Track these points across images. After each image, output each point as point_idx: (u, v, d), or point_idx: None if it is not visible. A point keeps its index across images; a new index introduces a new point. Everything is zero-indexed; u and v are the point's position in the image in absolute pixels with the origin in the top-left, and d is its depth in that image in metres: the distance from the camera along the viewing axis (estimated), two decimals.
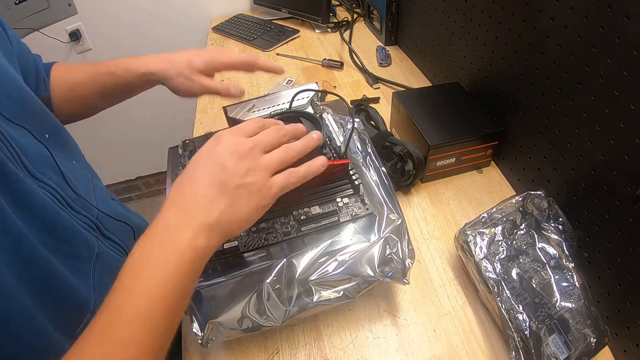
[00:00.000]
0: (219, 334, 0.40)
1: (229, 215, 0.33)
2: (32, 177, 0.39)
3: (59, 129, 0.49)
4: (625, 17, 0.37)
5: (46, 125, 0.46)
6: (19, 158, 0.38)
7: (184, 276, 0.31)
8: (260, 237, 0.43)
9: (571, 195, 0.50)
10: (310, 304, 0.41)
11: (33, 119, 0.43)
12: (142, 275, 0.30)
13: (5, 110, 0.39)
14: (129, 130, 1.54)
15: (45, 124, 0.46)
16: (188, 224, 0.32)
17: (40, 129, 0.43)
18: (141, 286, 0.30)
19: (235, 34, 1.17)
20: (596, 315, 0.43)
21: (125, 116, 1.48)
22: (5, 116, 0.39)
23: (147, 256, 0.31)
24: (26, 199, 0.36)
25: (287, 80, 0.94)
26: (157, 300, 0.29)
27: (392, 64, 0.97)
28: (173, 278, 0.30)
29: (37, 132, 0.43)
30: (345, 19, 1.17)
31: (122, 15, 1.28)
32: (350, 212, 0.45)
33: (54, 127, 0.48)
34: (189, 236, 0.31)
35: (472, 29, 0.66)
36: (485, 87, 0.66)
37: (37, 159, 0.40)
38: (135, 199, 1.82)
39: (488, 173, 0.66)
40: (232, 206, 0.33)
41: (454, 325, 0.47)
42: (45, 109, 0.47)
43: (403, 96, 0.68)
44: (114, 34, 1.30)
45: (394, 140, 0.61)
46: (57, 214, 0.39)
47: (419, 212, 0.61)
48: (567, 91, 0.47)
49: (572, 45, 0.45)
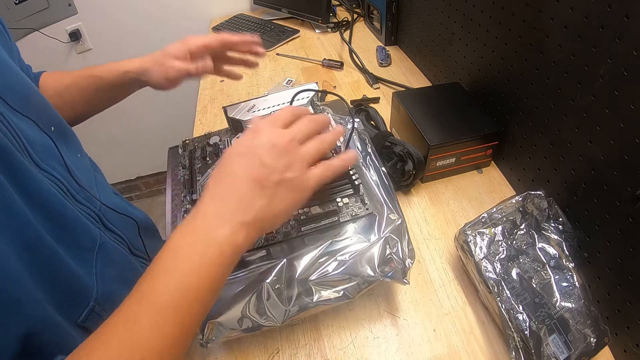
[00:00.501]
0: (219, 334, 0.40)
1: (267, 211, 0.33)
2: (37, 166, 0.39)
3: (62, 123, 0.49)
4: (625, 17, 0.37)
5: (51, 119, 0.46)
6: (25, 147, 0.38)
7: (219, 270, 0.31)
8: (260, 237, 0.43)
9: (571, 195, 0.50)
10: (310, 304, 0.41)
11: (38, 112, 0.43)
12: (178, 265, 0.30)
13: (10, 101, 0.39)
14: (129, 130, 1.54)
15: (50, 117, 0.46)
16: (227, 220, 0.32)
17: (45, 122, 0.44)
18: (177, 275, 0.30)
19: None
20: (596, 315, 0.43)
21: (125, 116, 1.48)
22: (11, 106, 0.39)
23: (184, 248, 0.31)
24: (31, 188, 0.37)
25: (287, 80, 0.94)
26: (191, 291, 0.29)
27: (392, 64, 0.97)
28: (210, 270, 0.30)
29: (43, 124, 0.43)
30: (345, 19, 1.17)
31: (122, 15, 1.28)
32: (350, 212, 0.45)
33: (58, 120, 0.48)
34: (228, 232, 0.31)
35: (472, 29, 0.66)
36: (485, 87, 0.66)
37: (42, 150, 0.41)
38: (135, 199, 1.82)
39: (488, 173, 0.66)
40: (271, 202, 0.33)
41: (454, 325, 0.47)
42: (49, 104, 0.48)
43: (403, 96, 0.68)
44: (114, 34, 1.30)
45: (394, 140, 0.61)
46: (61, 204, 0.40)
47: (419, 212, 0.61)
48: (567, 91, 0.47)
49: (572, 45, 0.45)
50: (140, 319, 0.28)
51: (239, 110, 0.55)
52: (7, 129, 0.36)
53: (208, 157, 0.54)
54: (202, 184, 0.51)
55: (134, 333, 0.27)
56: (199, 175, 0.52)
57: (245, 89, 0.94)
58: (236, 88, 0.94)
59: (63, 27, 1.24)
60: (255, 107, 0.55)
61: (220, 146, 0.56)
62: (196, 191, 0.49)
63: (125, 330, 0.28)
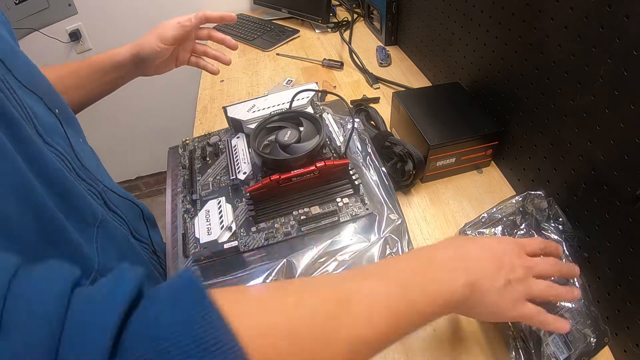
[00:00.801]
0: None
1: (489, 295, 0.33)
2: (42, 140, 0.40)
3: (66, 108, 0.50)
4: (625, 17, 0.37)
5: (55, 101, 0.47)
6: (32, 120, 0.39)
7: (424, 312, 0.30)
8: (260, 237, 0.43)
9: (571, 195, 0.50)
10: None
11: (44, 91, 0.44)
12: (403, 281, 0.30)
13: (18, 75, 0.40)
14: (129, 130, 1.54)
15: (54, 99, 0.47)
16: (464, 274, 0.32)
17: (50, 102, 0.45)
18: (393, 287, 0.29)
19: (235, 33, 1.17)
20: (596, 315, 0.43)
21: (126, 116, 1.48)
22: (19, 80, 0.40)
23: (419, 271, 0.31)
24: (37, 159, 0.37)
25: (287, 80, 0.94)
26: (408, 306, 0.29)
27: (392, 64, 0.97)
28: (421, 304, 0.30)
29: (48, 103, 0.44)
30: (345, 19, 1.17)
31: (122, 16, 1.28)
32: (350, 212, 0.45)
33: (62, 104, 0.49)
34: (462, 282, 0.31)
35: (472, 29, 0.66)
36: (485, 87, 0.66)
37: (48, 126, 0.42)
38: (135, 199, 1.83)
39: (488, 173, 0.66)
40: (497, 291, 0.33)
41: (454, 325, 0.47)
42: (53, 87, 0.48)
43: (403, 96, 0.68)
44: (114, 34, 1.30)
45: (394, 140, 0.61)
46: (65, 177, 0.40)
47: (419, 212, 0.61)
48: (567, 91, 0.47)
49: (572, 45, 0.45)
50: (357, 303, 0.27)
51: (239, 110, 0.55)
52: (15, 101, 0.37)
53: (208, 157, 0.54)
54: (202, 184, 0.51)
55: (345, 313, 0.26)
56: (199, 175, 0.52)
57: (245, 89, 0.94)
58: (236, 88, 0.94)
59: (63, 27, 1.24)
60: (255, 107, 0.55)
61: (220, 146, 0.56)
62: (196, 191, 0.49)
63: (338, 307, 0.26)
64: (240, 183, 0.49)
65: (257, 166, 0.50)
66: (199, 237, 0.42)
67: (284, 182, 0.44)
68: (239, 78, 0.97)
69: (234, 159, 0.51)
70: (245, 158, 0.51)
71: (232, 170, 0.50)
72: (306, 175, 0.44)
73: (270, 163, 0.46)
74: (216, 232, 0.42)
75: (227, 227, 0.43)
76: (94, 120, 1.47)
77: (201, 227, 0.43)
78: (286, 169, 0.44)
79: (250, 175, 0.49)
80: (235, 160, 0.51)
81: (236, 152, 0.52)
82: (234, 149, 0.53)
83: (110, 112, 1.45)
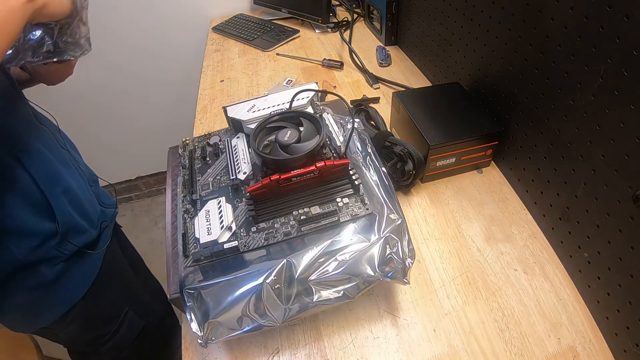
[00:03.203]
0: (219, 334, 0.40)
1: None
2: None
3: None
4: (625, 17, 0.37)
5: None
6: None
7: None
8: (260, 237, 0.43)
9: (571, 195, 0.50)
10: (310, 303, 0.41)
11: None
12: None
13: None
14: (129, 130, 1.54)
15: None
16: None
17: None
18: None
19: (235, 34, 1.17)
20: None
21: (126, 116, 1.48)
22: None
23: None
24: None
25: (287, 80, 0.94)
26: None
27: (392, 64, 0.97)
28: None
29: None
30: (345, 19, 1.17)
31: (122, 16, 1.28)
32: (350, 212, 0.45)
33: None
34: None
35: (472, 29, 0.66)
36: (485, 87, 0.66)
37: None
38: (135, 199, 1.82)
39: (488, 173, 0.66)
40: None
41: (454, 325, 0.47)
42: None
43: (403, 96, 0.68)
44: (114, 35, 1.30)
45: (394, 140, 0.61)
46: None
47: (419, 212, 0.61)
48: (567, 91, 0.47)
49: (572, 45, 0.45)
50: None
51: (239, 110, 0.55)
52: None
53: (208, 157, 0.54)
54: (202, 184, 0.51)
55: None
56: (199, 175, 0.52)
57: (245, 89, 0.94)
58: (236, 88, 0.95)
59: None
60: (255, 107, 0.55)
61: (220, 146, 0.56)
62: (196, 191, 0.49)
63: None
64: (240, 183, 0.49)
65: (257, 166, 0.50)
66: (199, 237, 0.42)
67: (284, 182, 0.44)
68: (239, 78, 0.97)
69: (234, 159, 0.51)
70: (245, 158, 0.51)
71: (232, 170, 0.50)
72: (306, 175, 0.44)
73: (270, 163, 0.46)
74: (216, 232, 0.42)
75: (227, 227, 0.43)
76: (95, 120, 1.47)
77: (201, 227, 0.43)
78: (286, 169, 0.44)
79: (250, 175, 0.49)
80: (235, 160, 0.51)
81: (236, 152, 0.52)
82: (234, 149, 0.53)
83: (111, 112, 1.45)
